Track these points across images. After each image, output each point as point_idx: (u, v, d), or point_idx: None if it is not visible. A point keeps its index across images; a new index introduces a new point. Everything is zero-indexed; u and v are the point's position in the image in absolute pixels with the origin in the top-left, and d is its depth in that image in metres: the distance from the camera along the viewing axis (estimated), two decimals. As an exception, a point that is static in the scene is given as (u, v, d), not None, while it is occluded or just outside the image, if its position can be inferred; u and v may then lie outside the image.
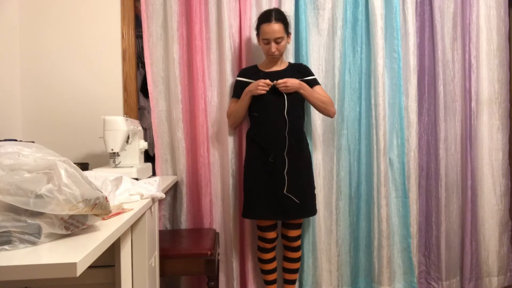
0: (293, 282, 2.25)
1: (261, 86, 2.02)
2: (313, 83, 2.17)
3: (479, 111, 2.50)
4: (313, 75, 2.20)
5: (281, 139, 2.05)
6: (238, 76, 2.21)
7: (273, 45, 2.04)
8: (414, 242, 2.41)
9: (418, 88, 2.45)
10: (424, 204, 2.52)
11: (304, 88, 2.07)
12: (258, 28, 2.10)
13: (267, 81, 2.03)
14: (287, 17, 2.10)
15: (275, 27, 2.02)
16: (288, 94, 2.05)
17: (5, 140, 1.67)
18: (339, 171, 2.40)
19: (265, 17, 2.05)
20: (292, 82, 2.02)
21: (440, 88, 2.47)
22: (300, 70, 2.18)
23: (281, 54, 2.12)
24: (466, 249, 2.48)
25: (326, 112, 2.16)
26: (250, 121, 2.20)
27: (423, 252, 2.53)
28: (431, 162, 2.51)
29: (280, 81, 2.02)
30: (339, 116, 2.38)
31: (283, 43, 2.06)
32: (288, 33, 2.11)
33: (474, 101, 2.49)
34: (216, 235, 2.17)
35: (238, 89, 2.17)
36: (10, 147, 0.98)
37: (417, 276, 2.44)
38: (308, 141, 2.32)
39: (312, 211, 2.16)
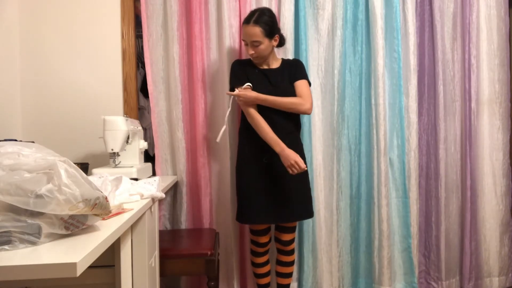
0: (286, 287, 2.20)
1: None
2: (299, 78, 2.05)
3: (479, 111, 2.50)
4: (302, 74, 2.06)
5: None
6: (234, 65, 2.10)
7: (250, 47, 1.97)
8: (414, 242, 2.41)
9: (418, 88, 2.45)
10: (424, 204, 2.51)
11: (265, 100, 1.96)
12: None
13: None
14: (272, 19, 1.97)
15: (251, 30, 1.92)
16: (280, 92, 1.97)
17: (5, 140, 1.67)
18: (339, 171, 2.40)
19: (247, 18, 1.98)
20: (246, 97, 1.95)
21: (440, 88, 2.47)
22: (291, 69, 2.08)
23: (261, 57, 2.02)
24: (466, 249, 2.48)
25: (297, 112, 2.01)
26: (241, 119, 2.12)
27: (423, 252, 2.53)
28: (431, 162, 2.51)
29: (241, 93, 1.94)
30: (339, 116, 2.38)
31: (261, 47, 1.95)
32: (271, 37, 1.97)
33: (474, 101, 2.49)
34: (216, 235, 2.17)
35: (239, 76, 2.05)
36: (10, 147, 0.98)
37: (417, 276, 2.44)
38: (308, 141, 2.32)
39: (309, 213, 2.09)
